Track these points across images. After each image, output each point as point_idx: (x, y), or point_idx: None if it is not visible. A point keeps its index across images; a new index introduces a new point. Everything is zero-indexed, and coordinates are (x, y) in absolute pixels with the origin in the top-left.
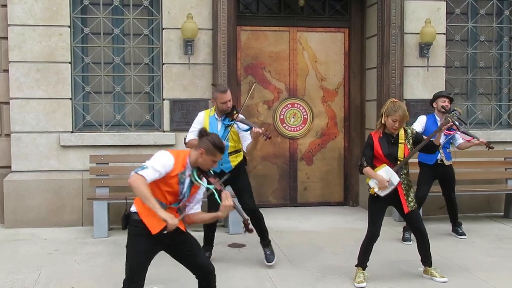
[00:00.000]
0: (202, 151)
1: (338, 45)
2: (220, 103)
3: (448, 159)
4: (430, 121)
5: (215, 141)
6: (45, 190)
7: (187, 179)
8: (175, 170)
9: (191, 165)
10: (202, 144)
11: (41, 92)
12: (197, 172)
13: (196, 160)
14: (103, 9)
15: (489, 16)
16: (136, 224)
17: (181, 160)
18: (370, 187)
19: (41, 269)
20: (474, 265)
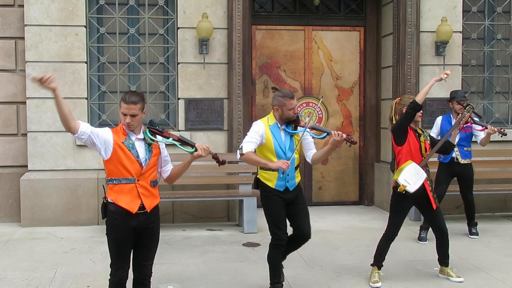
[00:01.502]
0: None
1: (353, 44)
2: (288, 110)
3: (464, 158)
4: (445, 120)
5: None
6: (61, 189)
7: (136, 142)
8: (118, 140)
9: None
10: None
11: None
12: (150, 133)
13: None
14: (119, 9)
15: (506, 14)
16: (112, 215)
17: (118, 130)
18: (400, 185)
19: (57, 267)
20: (490, 265)
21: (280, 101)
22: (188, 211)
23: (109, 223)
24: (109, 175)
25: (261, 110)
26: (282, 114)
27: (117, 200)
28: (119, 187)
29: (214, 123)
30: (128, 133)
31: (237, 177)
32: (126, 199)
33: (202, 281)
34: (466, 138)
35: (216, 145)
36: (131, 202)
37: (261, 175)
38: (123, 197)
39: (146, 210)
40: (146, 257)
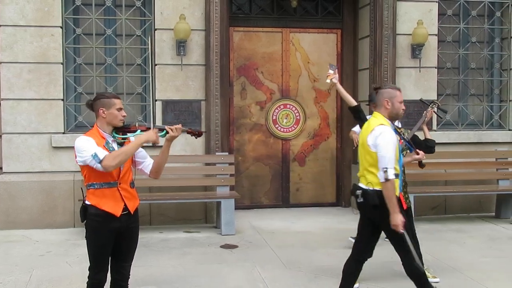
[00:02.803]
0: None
1: (330, 46)
2: (399, 102)
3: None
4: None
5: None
6: (37, 191)
7: (113, 144)
8: (100, 144)
9: (105, 131)
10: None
11: (32, 93)
12: (118, 133)
13: (105, 122)
14: (95, 9)
15: (481, 18)
16: (93, 218)
17: (96, 134)
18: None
19: (32, 270)
20: (466, 265)
21: (390, 93)
22: (166, 213)
23: (89, 226)
24: (89, 180)
25: (239, 111)
26: (393, 109)
27: (100, 204)
28: (101, 191)
29: (191, 125)
30: (105, 137)
31: (214, 178)
32: (110, 203)
33: (180, 283)
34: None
35: (194, 146)
36: (115, 206)
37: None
38: (106, 201)
39: (129, 211)
40: (126, 258)
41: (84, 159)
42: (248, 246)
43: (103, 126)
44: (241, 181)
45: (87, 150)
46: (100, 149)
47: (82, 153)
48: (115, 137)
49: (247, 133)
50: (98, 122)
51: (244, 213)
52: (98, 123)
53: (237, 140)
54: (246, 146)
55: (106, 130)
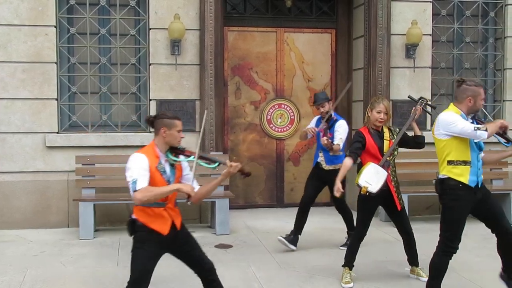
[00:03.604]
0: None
1: (325, 46)
2: (481, 100)
3: (328, 164)
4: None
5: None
6: (30, 191)
7: (166, 166)
8: (152, 165)
9: (161, 150)
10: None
11: (26, 92)
12: (172, 153)
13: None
14: (90, 9)
15: (475, 18)
16: (143, 230)
17: (152, 153)
18: (361, 187)
19: (26, 271)
20: (460, 265)
21: (474, 90)
22: None
23: (140, 238)
24: None
25: (234, 111)
26: (474, 106)
27: (148, 223)
28: (150, 210)
29: (186, 125)
30: (160, 156)
31: (209, 178)
32: (158, 222)
33: (175, 283)
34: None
35: (188, 146)
36: (163, 224)
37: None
38: (155, 220)
39: (176, 227)
40: (199, 251)
41: (127, 179)
42: (242, 246)
43: (160, 144)
44: (236, 181)
45: (133, 172)
46: (145, 177)
47: (128, 171)
48: (168, 158)
49: (242, 133)
50: (156, 140)
51: (238, 213)
52: (156, 141)
53: (231, 139)
54: (241, 146)
55: (162, 149)
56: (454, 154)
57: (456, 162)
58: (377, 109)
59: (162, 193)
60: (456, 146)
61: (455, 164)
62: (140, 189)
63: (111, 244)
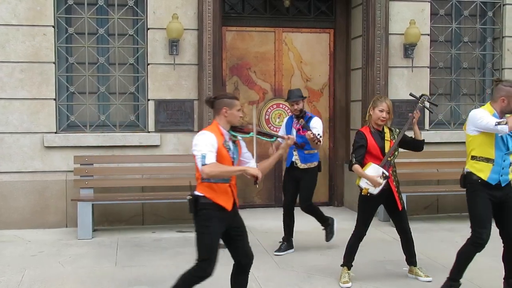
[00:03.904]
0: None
1: (323, 46)
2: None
3: (303, 162)
4: (289, 121)
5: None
6: (28, 191)
7: (230, 143)
8: (219, 142)
9: (225, 129)
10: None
11: (24, 92)
12: (233, 131)
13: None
14: (88, 9)
15: (473, 17)
16: (207, 207)
17: (217, 131)
18: (362, 188)
19: (24, 271)
20: None
21: (508, 91)
22: (158, 213)
23: (205, 215)
24: None
25: None
26: (508, 106)
27: (215, 198)
28: (216, 186)
29: (184, 124)
30: (224, 134)
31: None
32: (223, 198)
33: (173, 283)
34: (306, 140)
35: (187, 146)
36: (227, 200)
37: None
38: (220, 195)
39: (235, 205)
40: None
41: (195, 153)
42: None
43: (222, 123)
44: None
45: (202, 147)
46: (213, 153)
47: (196, 147)
48: (231, 135)
49: None
50: (218, 120)
51: None
52: (218, 120)
53: None
54: None
55: (225, 127)
56: (477, 150)
57: (478, 158)
58: (379, 107)
59: (229, 172)
60: (480, 143)
61: (478, 159)
62: (210, 163)
63: (110, 244)
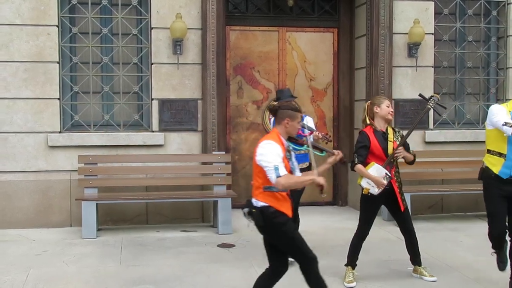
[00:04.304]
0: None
1: (327, 45)
2: None
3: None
4: None
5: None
6: (33, 190)
7: (291, 153)
8: (283, 153)
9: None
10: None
11: (28, 92)
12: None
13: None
14: (92, 8)
15: (477, 17)
16: (277, 215)
17: (279, 141)
18: (363, 188)
19: (29, 270)
20: (463, 264)
21: None
22: (162, 212)
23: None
24: (267, 183)
25: (236, 110)
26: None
27: (278, 206)
28: (280, 194)
29: (188, 124)
30: (284, 144)
31: (211, 178)
32: (286, 205)
33: (177, 282)
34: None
35: (191, 146)
36: (289, 207)
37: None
38: (283, 203)
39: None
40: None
41: (264, 164)
42: (245, 245)
43: (282, 133)
44: (238, 180)
45: (272, 159)
46: (283, 165)
47: (264, 157)
48: (289, 146)
49: (244, 132)
50: (279, 129)
51: (241, 212)
52: (279, 130)
53: (233, 139)
54: (243, 145)
55: (284, 137)
56: (492, 144)
57: (492, 152)
58: (385, 103)
59: (301, 182)
60: (494, 137)
61: (492, 153)
62: (284, 175)
63: (114, 243)
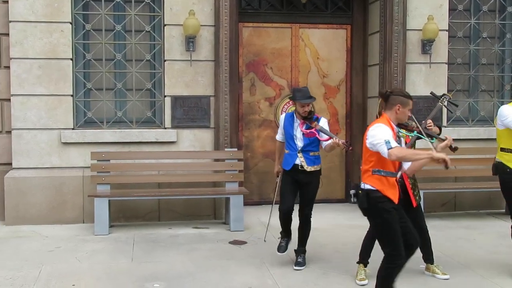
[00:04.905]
0: (398, 106)
1: (340, 42)
2: None
3: (310, 165)
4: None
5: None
6: (46, 187)
7: (400, 140)
8: (394, 136)
9: (394, 124)
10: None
11: (42, 88)
12: (400, 127)
13: (396, 117)
14: (105, 5)
15: (492, 13)
16: (381, 200)
17: (389, 125)
18: None
19: (42, 266)
20: (475, 262)
21: None
22: (175, 209)
23: (381, 209)
24: (376, 166)
25: (248, 107)
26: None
27: (384, 191)
28: (386, 179)
29: (200, 121)
30: (394, 129)
31: (223, 174)
32: (392, 191)
33: (189, 279)
34: (311, 143)
35: (203, 143)
36: (395, 193)
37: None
38: (388, 188)
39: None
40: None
41: (375, 142)
42: (257, 242)
43: (393, 119)
44: (250, 177)
45: (382, 135)
46: (392, 139)
47: (374, 137)
48: (400, 132)
49: (256, 129)
50: (389, 115)
51: (253, 209)
52: (390, 115)
53: (246, 136)
54: (255, 142)
55: (394, 123)
56: (505, 142)
57: (506, 149)
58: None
59: (417, 155)
60: (507, 136)
61: (506, 151)
62: (396, 147)
63: (126, 240)
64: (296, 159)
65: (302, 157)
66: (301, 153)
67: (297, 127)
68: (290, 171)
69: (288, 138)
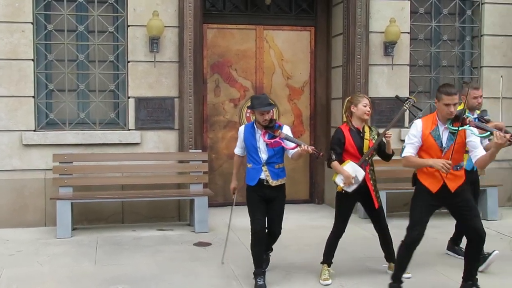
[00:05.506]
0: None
1: (304, 44)
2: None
3: (275, 178)
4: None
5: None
6: (7, 189)
7: (443, 132)
8: (426, 130)
9: (440, 119)
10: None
11: (2, 90)
12: (453, 123)
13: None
14: (67, 5)
15: (452, 16)
16: (419, 184)
17: (431, 119)
18: (337, 185)
19: (2, 270)
20: (438, 261)
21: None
22: (138, 211)
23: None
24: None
25: (213, 109)
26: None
27: (422, 179)
28: (426, 169)
29: (165, 122)
30: (437, 123)
31: (188, 176)
32: (429, 180)
33: (154, 281)
34: (276, 154)
35: (167, 144)
36: (433, 183)
37: None
38: (427, 178)
39: (449, 190)
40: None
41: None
42: (221, 244)
43: (439, 115)
44: (215, 178)
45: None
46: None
47: (410, 139)
48: (449, 127)
49: (221, 131)
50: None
51: (217, 210)
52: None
53: (210, 137)
54: (220, 143)
55: (441, 119)
56: None
57: None
58: (362, 103)
59: (419, 164)
60: None
61: None
62: (405, 156)
63: (89, 243)
64: (261, 173)
65: (267, 170)
66: (266, 166)
67: (259, 137)
68: (256, 186)
69: (251, 151)
